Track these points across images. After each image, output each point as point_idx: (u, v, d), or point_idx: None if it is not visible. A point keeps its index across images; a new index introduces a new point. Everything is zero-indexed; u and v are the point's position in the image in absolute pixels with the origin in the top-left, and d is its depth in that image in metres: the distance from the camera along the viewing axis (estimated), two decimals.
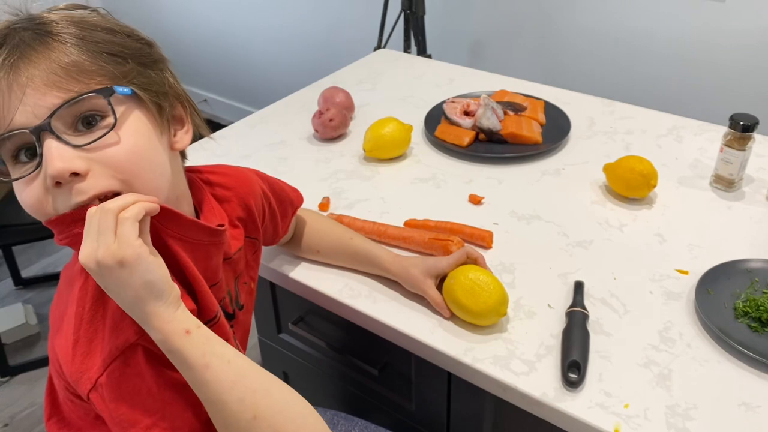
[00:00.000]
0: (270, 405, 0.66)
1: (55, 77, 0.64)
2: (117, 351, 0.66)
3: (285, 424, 0.66)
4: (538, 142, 1.34)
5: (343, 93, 1.46)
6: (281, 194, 1.00)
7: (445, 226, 1.09)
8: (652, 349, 0.88)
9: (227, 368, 0.66)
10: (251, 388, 0.66)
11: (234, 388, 0.65)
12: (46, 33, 0.66)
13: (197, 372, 0.65)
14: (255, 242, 0.92)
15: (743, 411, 0.79)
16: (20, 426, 1.94)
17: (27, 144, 0.65)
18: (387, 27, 2.33)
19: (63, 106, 0.64)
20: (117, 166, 0.66)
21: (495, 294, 0.90)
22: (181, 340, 0.64)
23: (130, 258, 0.62)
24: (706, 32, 1.92)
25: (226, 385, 0.65)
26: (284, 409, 0.67)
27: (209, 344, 0.66)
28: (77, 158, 0.64)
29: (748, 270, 0.99)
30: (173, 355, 0.65)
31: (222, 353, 0.66)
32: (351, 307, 0.98)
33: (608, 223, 1.12)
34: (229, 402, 0.65)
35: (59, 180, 0.64)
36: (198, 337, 0.65)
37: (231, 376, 0.66)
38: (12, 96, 0.64)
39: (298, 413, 0.68)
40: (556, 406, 0.81)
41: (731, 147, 1.16)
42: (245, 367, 0.67)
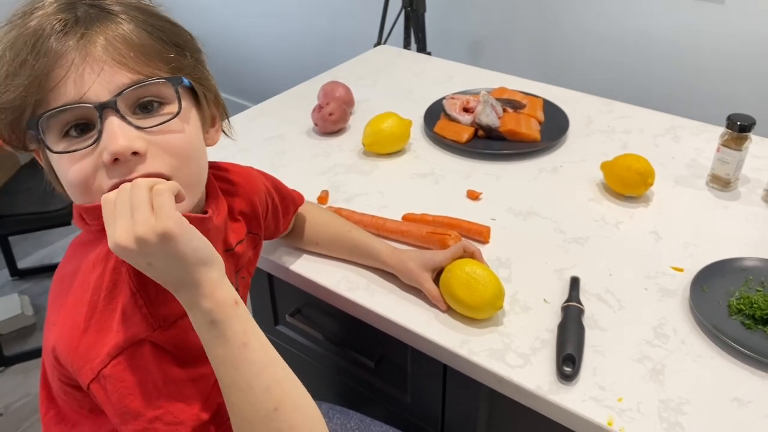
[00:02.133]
0: (291, 398, 0.66)
1: (127, 57, 0.65)
2: (125, 344, 0.65)
3: (300, 421, 0.65)
4: (536, 139, 1.34)
5: (343, 88, 1.47)
6: (283, 192, 1.01)
7: (442, 221, 1.10)
8: (647, 344, 0.88)
9: (261, 351, 0.65)
10: (278, 378, 0.65)
11: (263, 374, 0.64)
12: (110, 11, 0.67)
13: (234, 349, 0.63)
14: (256, 238, 0.93)
15: (735, 406, 0.80)
16: (15, 416, 1.95)
17: (84, 119, 0.65)
18: (387, 24, 2.34)
19: (132, 87, 0.65)
20: (174, 151, 0.68)
21: (491, 287, 0.90)
22: (230, 311, 0.63)
23: (174, 229, 0.60)
24: (705, 34, 1.93)
25: (256, 369, 0.64)
26: (302, 406, 0.67)
27: (251, 322, 0.65)
28: (138, 138, 0.65)
29: (742, 268, 0.99)
30: (216, 327, 0.63)
31: (259, 335, 0.66)
32: (349, 299, 0.98)
33: (605, 220, 1.13)
34: (255, 388, 0.63)
35: (119, 157, 0.64)
36: (243, 311, 0.65)
37: (263, 360, 0.65)
38: (85, 68, 0.64)
39: (311, 413, 0.67)
40: (550, 399, 0.81)
41: (728, 147, 1.16)
42: (275, 354, 0.67)
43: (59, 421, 0.78)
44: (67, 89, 0.64)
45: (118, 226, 0.61)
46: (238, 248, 0.87)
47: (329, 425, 1.05)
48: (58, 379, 0.71)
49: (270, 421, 0.63)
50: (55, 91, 0.64)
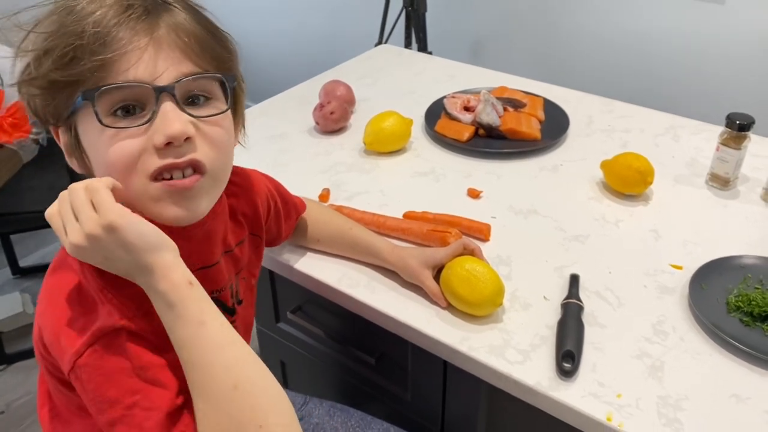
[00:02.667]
0: (251, 378, 0.65)
1: (188, 47, 0.68)
2: (100, 333, 0.65)
3: (261, 400, 0.64)
4: (536, 138, 1.35)
5: (344, 86, 1.48)
6: (286, 196, 1.02)
7: (443, 219, 1.10)
8: (646, 341, 0.89)
9: (220, 330, 0.65)
10: (237, 357, 0.65)
11: (222, 353, 0.64)
12: (168, 2, 0.70)
13: (192, 328, 0.64)
14: (258, 239, 0.94)
15: (734, 402, 0.81)
16: (16, 414, 1.95)
17: (136, 100, 0.67)
18: (388, 23, 2.34)
19: (192, 77, 0.68)
20: (216, 145, 0.71)
21: (491, 284, 0.91)
22: (185, 291, 0.64)
23: (117, 220, 0.62)
24: (705, 33, 1.94)
25: (215, 348, 0.64)
26: (262, 385, 0.65)
27: (207, 302, 0.66)
28: (191, 125, 0.68)
29: (741, 266, 1.00)
30: (173, 309, 0.64)
31: (217, 314, 0.66)
32: (350, 296, 0.99)
33: (604, 218, 1.14)
34: (215, 366, 0.63)
35: (173, 141, 0.66)
36: (198, 291, 0.65)
37: (221, 339, 0.65)
38: (149, 51, 0.66)
39: (274, 393, 0.66)
40: (549, 395, 0.82)
41: (727, 146, 1.17)
42: (234, 334, 0.67)
43: (53, 417, 0.79)
44: (129, 69, 0.66)
45: (68, 231, 0.64)
46: (238, 250, 0.87)
47: (330, 423, 1.05)
48: (48, 372, 0.72)
49: (230, 400, 0.63)
50: (118, 70, 0.66)
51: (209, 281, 0.81)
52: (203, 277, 0.79)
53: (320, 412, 1.07)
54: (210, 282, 0.82)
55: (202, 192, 0.71)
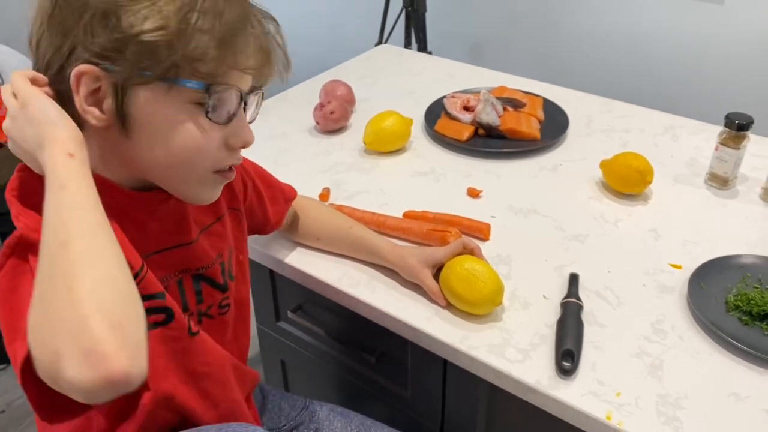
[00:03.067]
0: (87, 242, 0.58)
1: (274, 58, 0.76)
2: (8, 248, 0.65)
3: (87, 261, 0.57)
4: (536, 138, 1.35)
5: (344, 86, 1.48)
6: (269, 179, 1.03)
7: (443, 218, 1.11)
8: (645, 340, 0.89)
9: (79, 196, 0.61)
10: (85, 220, 0.60)
11: (69, 213, 0.60)
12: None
13: (53, 191, 0.61)
14: (238, 214, 0.94)
15: (733, 401, 0.81)
16: (17, 413, 1.95)
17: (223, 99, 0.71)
18: (388, 24, 2.35)
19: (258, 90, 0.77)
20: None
21: (490, 283, 0.91)
22: (60, 159, 0.62)
23: (28, 97, 0.66)
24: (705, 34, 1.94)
25: (65, 207, 0.60)
26: (96, 254, 0.58)
27: (82, 176, 0.63)
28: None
29: (740, 265, 1.00)
30: (47, 176, 0.62)
31: (85, 186, 0.62)
32: (350, 295, 0.99)
33: (604, 218, 1.14)
34: (55, 220, 0.59)
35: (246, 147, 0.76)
36: (75, 163, 0.63)
37: (74, 202, 0.61)
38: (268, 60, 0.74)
39: (105, 268, 0.58)
40: (549, 394, 0.82)
41: (726, 145, 1.17)
42: (94, 206, 0.62)
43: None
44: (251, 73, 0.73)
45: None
46: (218, 226, 0.88)
47: (329, 428, 1.05)
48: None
49: (55, 253, 0.57)
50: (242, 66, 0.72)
51: (191, 259, 0.83)
52: (184, 255, 0.82)
53: (320, 416, 1.07)
54: (192, 259, 0.83)
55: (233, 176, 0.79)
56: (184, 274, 0.83)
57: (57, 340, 0.53)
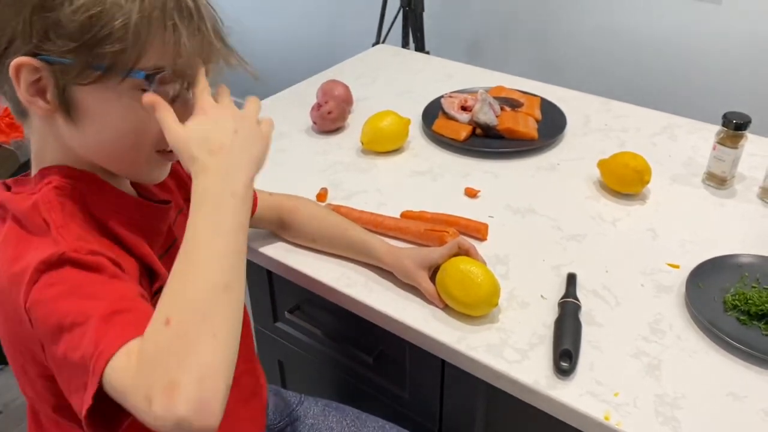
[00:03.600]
0: (241, 289, 0.63)
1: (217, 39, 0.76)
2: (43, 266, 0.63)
3: (233, 321, 0.60)
4: (533, 137, 1.35)
5: (341, 86, 1.48)
6: None
7: (440, 218, 1.11)
8: (643, 340, 0.89)
9: (243, 244, 0.65)
10: (242, 270, 0.64)
11: (235, 258, 0.63)
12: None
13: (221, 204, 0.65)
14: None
15: (730, 401, 0.81)
16: (15, 414, 1.95)
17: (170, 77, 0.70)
18: (386, 23, 2.34)
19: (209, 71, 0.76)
20: None
21: (486, 285, 0.91)
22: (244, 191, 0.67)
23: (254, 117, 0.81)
24: (702, 33, 1.94)
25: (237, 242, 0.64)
26: (239, 316, 0.62)
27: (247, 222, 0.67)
28: None
29: (738, 265, 1.00)
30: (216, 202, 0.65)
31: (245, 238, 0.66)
32: (347, 296, 0.99)
33: (601, 217, 1.14)
34: (220, 260, 0.62)
35: None
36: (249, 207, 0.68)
37: (243, 248, 0.65)
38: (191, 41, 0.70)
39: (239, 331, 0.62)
40: (547, 394, 0.82)
41: (724, 145, 1.17)
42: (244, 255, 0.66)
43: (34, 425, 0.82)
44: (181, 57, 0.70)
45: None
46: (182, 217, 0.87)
47: (325, 423, 1.05)
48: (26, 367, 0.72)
49: (214, 294, 0.60)
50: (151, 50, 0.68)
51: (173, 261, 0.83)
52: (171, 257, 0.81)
53: (315, 412, 1.07)
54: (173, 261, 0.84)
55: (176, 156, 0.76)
56: None
57: (179, 374, 0.55)
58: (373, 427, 1.05)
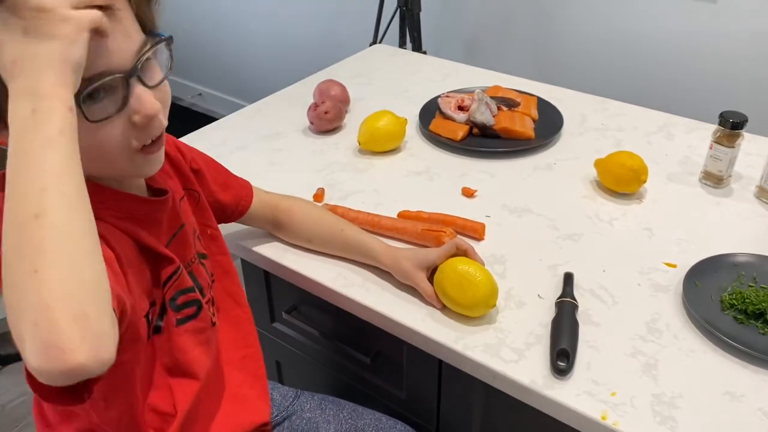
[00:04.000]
0: (63, 218, 0.53)
1: (134, 24, 0.68)
2: None
3: (57, 243, 0.52)
4: (530, 137, 1.35)
5: (338, 86, 1.48)
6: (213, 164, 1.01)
7: (437, 218, 1.11)
8: (640, 339, 0.89)
9: (66, 161, 0.55)
10: (64, 191, 0.54)
11: (51, 175, 0.54)
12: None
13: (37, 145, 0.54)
14: (193, 193, 0.94)
15: (728, 400, 0.81)
16: (12, 415, 1.95)
17: (106, 87, 0.65)
18: (383, 23, 2.34)
19: (147, 51, 0.67)
20: (167, 103, 0.73)
21: (483, 287, 0.91)
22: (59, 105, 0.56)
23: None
24: (697, 32, 1.94)
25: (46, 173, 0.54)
26: (74, 232, 0.54)
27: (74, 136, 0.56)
28: (157, 103, 0.69)
29: (734, 264, 1.00)
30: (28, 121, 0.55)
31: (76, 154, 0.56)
32: (345, 296, 0.99)
33: (598, 217, 1.14)
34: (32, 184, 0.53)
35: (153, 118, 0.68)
36: (74, 122, 0.57)
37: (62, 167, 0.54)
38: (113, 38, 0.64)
39: (82, 245, 0.54)
40: (544, 394, 0.82)
41: (720, 144, 1.17)
42: (76, 168, 0.56)
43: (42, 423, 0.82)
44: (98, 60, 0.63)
45: None
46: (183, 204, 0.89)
47: (322, 416, 1.05)
48: None
49: (25, 225, 0.52)
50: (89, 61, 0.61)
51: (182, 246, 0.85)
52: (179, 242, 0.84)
53: (312, 406, 1.08)
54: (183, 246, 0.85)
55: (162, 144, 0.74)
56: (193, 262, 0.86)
57: (20, 326, 0.51)
58: (369, 420, 1.05)
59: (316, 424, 1.05)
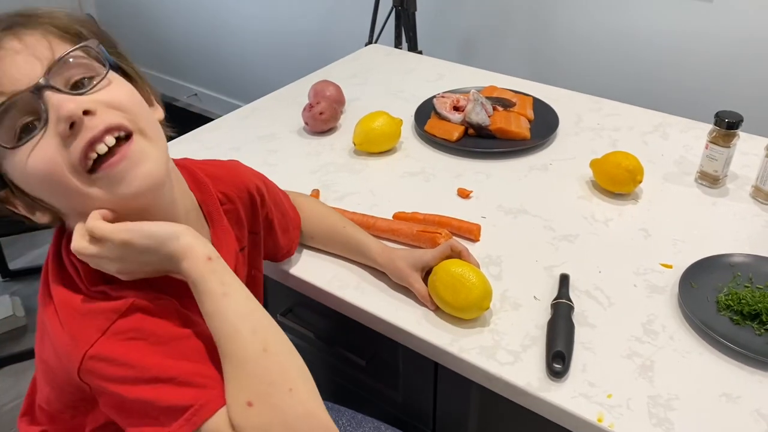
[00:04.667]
0: (278, 341, 0.68)
1: (47, 45, 0.67)
2: (114, 315, 0.67)
3: (290, 363, 0.67)
4: (526, 137, 1.35)
5: (333, 87, 1.47)
6: (282, 207, 1.01)
7: (433, 219, 1.10)
8: (636, 340, 0.89)
9: (243, 299, 0.69)
10: (263, 322, 0.68)
11: (248, 319, 0.67)
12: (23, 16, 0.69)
13: (216, 299, 0.67)
14: (256, 236, 0.95)
15: (724, 402, 0.81)
16: (6, 417, 1.94)
17: (29, 111, 0.65)
18: (378, 23, 2.34)
19: (60, 61, 0.66)
20: (120, 104, 0.69)
21: (476, 289, 0.90)
22: (205, 267, 0.68)
23: (122, 236, 0.67)
24: (693, 32, 1.94)
25: (240, 315, 0.67)
26: (289, 349, 0.69)
27: (228, 274, 0.69)
28: (84, 101, 0.66)
29: (730, 264, 1.00)
30: (198, 286, 0.68)
31: (239, 285, 0.70)
32: (339, 298, 0.99)
33: (594, 217, 1.14)
34: (243, 331, 0.66)
35: (74, 119, 0.64)
36: (218, 265, 0.69)
37: (245, 307, 0.68)
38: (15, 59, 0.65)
39: (299, 359, 0.69)
40: (540, 396, 0.82)
41: (716, 144, 1.17)
42: (256, 303, 0.70)
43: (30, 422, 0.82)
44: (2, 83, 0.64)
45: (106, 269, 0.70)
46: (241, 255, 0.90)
47: None
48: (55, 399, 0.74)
49: (260, 362, 0.65)
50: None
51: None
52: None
53: None
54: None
55: (140, 155, 0.68)
56: None
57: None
58: (369, 428, 1.04)
59: None
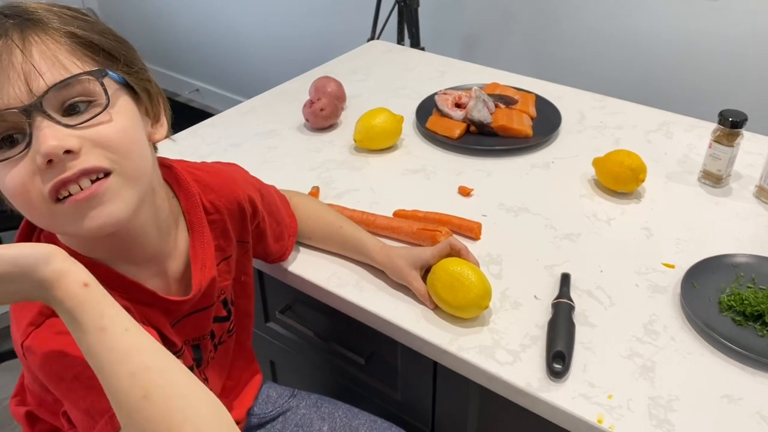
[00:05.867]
0: (163, 386, 0.59)
1: (49, 61, 0.64)
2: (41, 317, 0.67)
3: (175, 410, 0.58)
4: (528, 135, 1.34)
5: (334, 83, 1.46)
6: (277, 215, 1.00)
7: (433, 217, 1.09)
8: (637, 341, 0.88)
9: (123, 336, 0.59)
10: (145, 365, 0.59)
11: (127, 361, 0.58)
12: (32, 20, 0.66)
13: (91, 335, 0.58)
14: (245, 245, 0.94)
15: (725, 403, 0.80)
16: (5, 413, 1.94)
17: (15, 127, 0.64)
18: (381, 19, 2.33)
19: (56, 86, 0.64)
20: (108, 144, 0.66)
21: (475, 289, 0.89)
22: (80, 295, 0.58)
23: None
24: (697, 30, 1.93)
25: (119, 354, 0.58)
26: (178, 393, 0.59)
27: (108, 304, 0.60)
28: (70, 136, 0.64)
29: (733, 265, 0.99)
30: (72, 317, 0.58)
31: (120, 317, 0.60)
32: (338, 296, 0.98)
33: (596, 216, 1.13)
34: (120, 375, 0.58)
35: (52, 158, 0.62)
36: (96, 293, 0.59)
37: (126, 345, 0.59)
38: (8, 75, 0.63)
39: (193, 402, 0.60)
40: (540, 396, 0.81)
41: (720, 143, 1.16)
42: (143, 341, 0.60)
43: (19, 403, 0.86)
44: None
45: None
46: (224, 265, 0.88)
47: (317, 414, 1.06)
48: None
49: (140, 410, 0.57)
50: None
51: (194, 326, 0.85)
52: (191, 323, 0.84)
53: (307, 404, 1.08)
54: (195, 327, 0.85)
55: (111, 194, 0.66)
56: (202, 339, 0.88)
57: None
58: (364, 421, 1.04)
59: (310, 420, 1.05)
